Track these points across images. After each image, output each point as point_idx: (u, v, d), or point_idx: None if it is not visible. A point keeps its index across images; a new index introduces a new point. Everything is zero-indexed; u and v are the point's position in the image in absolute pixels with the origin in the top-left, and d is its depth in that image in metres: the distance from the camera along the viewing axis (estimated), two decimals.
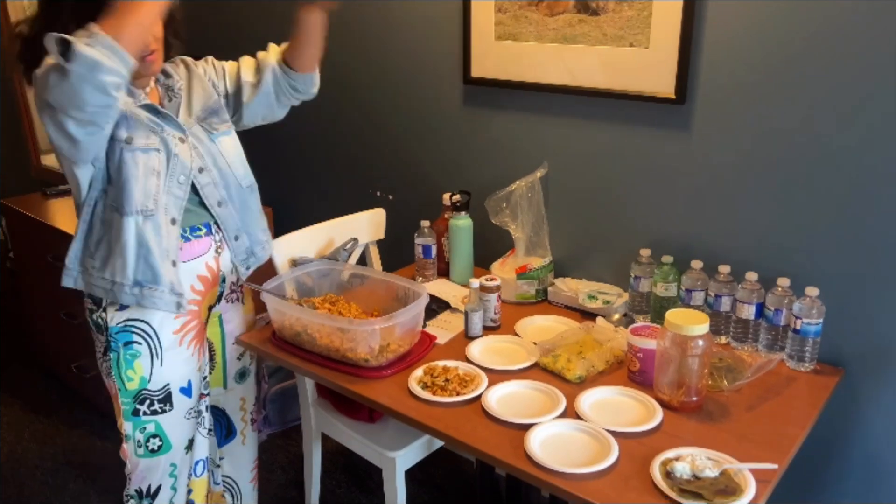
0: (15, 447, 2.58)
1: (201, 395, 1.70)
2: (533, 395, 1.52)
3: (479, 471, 2.13)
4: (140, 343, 1.55)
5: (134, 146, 1.47)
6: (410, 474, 1.86)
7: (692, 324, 1.41)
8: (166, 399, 1.59)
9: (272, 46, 1.75)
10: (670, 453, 1.30)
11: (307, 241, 2.04)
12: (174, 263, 1.54)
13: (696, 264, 1.73)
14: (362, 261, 2.20)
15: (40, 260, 2.68)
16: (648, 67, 1.74)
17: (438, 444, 1.92)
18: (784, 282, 1.62)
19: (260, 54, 1.75)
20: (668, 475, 1.25)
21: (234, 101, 1.74)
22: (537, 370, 1.62)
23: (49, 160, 3.96)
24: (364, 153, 2.46)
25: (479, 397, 1.50)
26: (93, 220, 1.51)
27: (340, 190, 2.57)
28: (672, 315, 1.44)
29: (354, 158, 2.48)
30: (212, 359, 1.77)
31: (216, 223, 1.64)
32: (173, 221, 1.54)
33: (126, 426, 1.58)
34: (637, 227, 1.89)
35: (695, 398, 1.46)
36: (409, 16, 2.17)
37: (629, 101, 1.80)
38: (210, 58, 1.74)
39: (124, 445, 1.61)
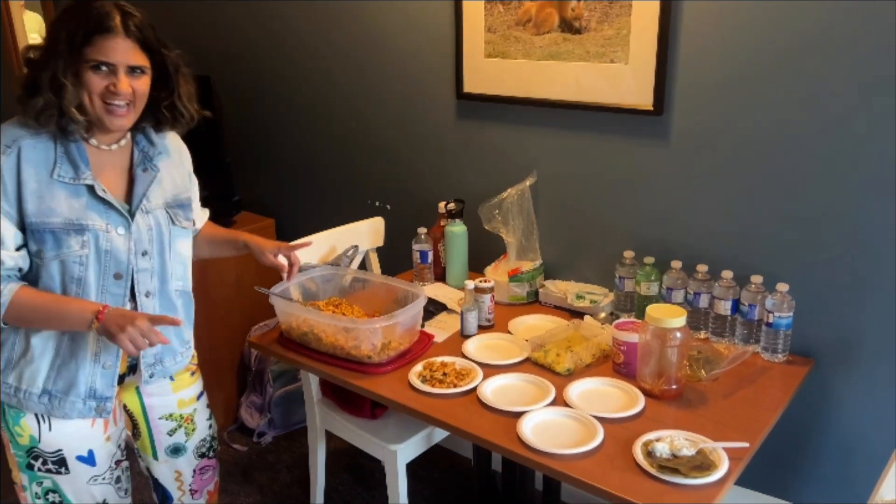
0: None
1: (118, 462, 1.55)
2: (525, 386, 1.64)
3: (477, 467, 2.24)
4: None
5: (45, 258, 1.35)
6: (411, 471, 1.96)
7: (670, 317, 1.53)
8: (61, 462, 1.45)
9: (206, 212, 1.74)
10: (651, 435, 1.42)
11: (311, 249, 2.14)
12: (107, 366, 1.44)
13: (676, 264, 1.85)
14: (363, 267, 2.31)
15: None
16: (628, 82, 1.87)
17: (438, 438, 2.02)
18: (757, 279, 1.74)
19: (200, 209, 1.71)
20: (649, 454, 1.36)
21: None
22: (529, 364, 1.73)
23: None
24: (363, 166, 2.58)
25: (474, 389, 1.61)
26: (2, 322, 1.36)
27: (341, 200, 2.69)
28: (652, 310, 1.56)
29: (354, 171, 2.61)
30: (136, 428, 1.62)
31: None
32: None
33: (21, 477, 1.47)
34: (620, 230, 2.01)
35: (674, 386, 1.57)
36: (405, 37, 2.30)
37: (611, 113, 1.93)
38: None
39: (23, 493, 1.49)
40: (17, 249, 1.36)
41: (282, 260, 1.74)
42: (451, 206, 2.19)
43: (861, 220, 1.64)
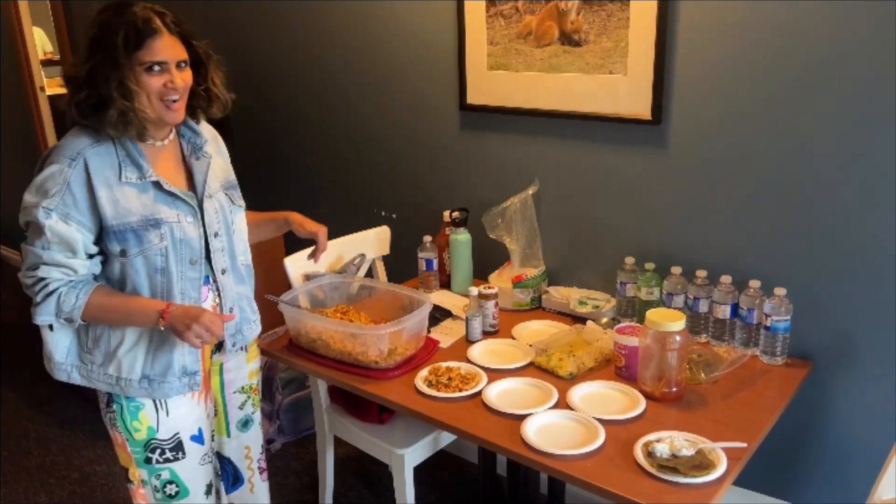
0: (44, 460, 2.72)
1: (212, 438, 1.69)
2: (528, 389, 1.67)
3: (482, 471, 2.27)
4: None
5: (130, 255, 1.45)
6: (417, 476, 1.99)
7: (670, 321, 1.57)
8: (178, 447, 1.56)
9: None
10: (651, 436, 1.45)
11: (319, 258, 2.19)
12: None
13: (676, 270, 1.89)
14: (369, 275, 2.35)
15: None
16: (627, 92, 1.92)
17: (444, 442, 2.06)
18: (755, 283, 1.78)
19: None
20: (650, 455, 1.40)
21: None
22: (532, 368, 1.77)
23: None
24: (369, 176, 2.63)
25: (479, 393, 1.65)
26: None
27: (348, 210, 2.74)
28: (652, 314, 1.60)
29: (360, 181, 2.66)
30: (214, 405, 1.73)
31: (217, 290, 1.59)
32: (193, 302, 1.52)
33: (140, 472, 1.56)
34: (621, 237, 2.06)
35: (675, 389, 1.61)
36: (410, 50, 2.35)
37: (610, 123, 1.97)
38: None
39: (140, 490, 1.58)
40: (90, 257, 1.44)
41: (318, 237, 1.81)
42: (456, 214, 2.24)
43: (858, 225, 1.68)
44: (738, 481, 1.41)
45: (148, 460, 1.55)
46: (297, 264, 2.13)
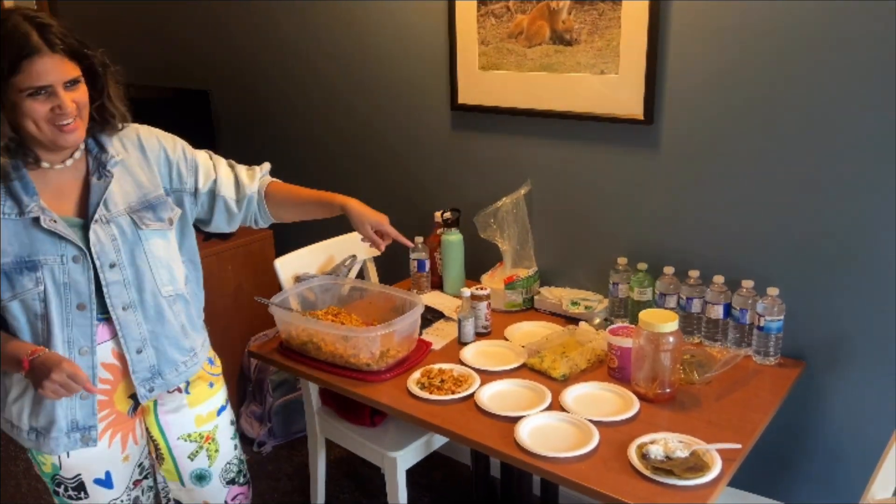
0: (31, 464, 2.69)
1: (136, 482, 1.54)
2: (521, 391, 1.66)
3: (475, 473, 2.26)
4: None
5: (3, 300, 1.30)
6: (410, 478, 1.98)
7: (663, 322, 1.56)
8: (80, 487, 1.45)
9: (255, 171, 1.61)
10: (645, 438, 1.45)
11: (309, 259, 2.18)
12: (84, 395, 1.38)
13: (669, 270, 1.89)
14: (361, 276, 2.34)
15: None
16: (619, 92, 1.91)
17: (437, 444, 2.05)
18: (748, 283, 1.78)
19: (240, 173, 1.59)
20: (644, 457, 1.39)
21: (206, 205, 1.54)
22: (525, 370, 1.76)
23: None
24: (360, 176, 2.62)
25: (472, 395, 1.64)
26: None
27: None
28: (645, 315, 1.59)
29: (351, 181, 2.64)
30: (158, 452, 1.55)
31: (118, 330, 1.39)
32: (82, 351, 1.36)
33: (55, 499, 1.50)
34: (614, 237, 2.05)
35: (668, 390, 1.60)
36: (400, 50, 2.34)
37: (602, 123, 1.97)
38: (182, 143, 1.52)
39: None
40: None
41: (379, 235, 1.67)
42: (448, 215, 2.22)
43: (850, 225, 1.68)
44: (731, 481, 1.40)
45: (56, 492, 1.47)
46: (287, 266, 2.11)
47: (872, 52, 1.56)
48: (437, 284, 2.29)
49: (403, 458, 1.94)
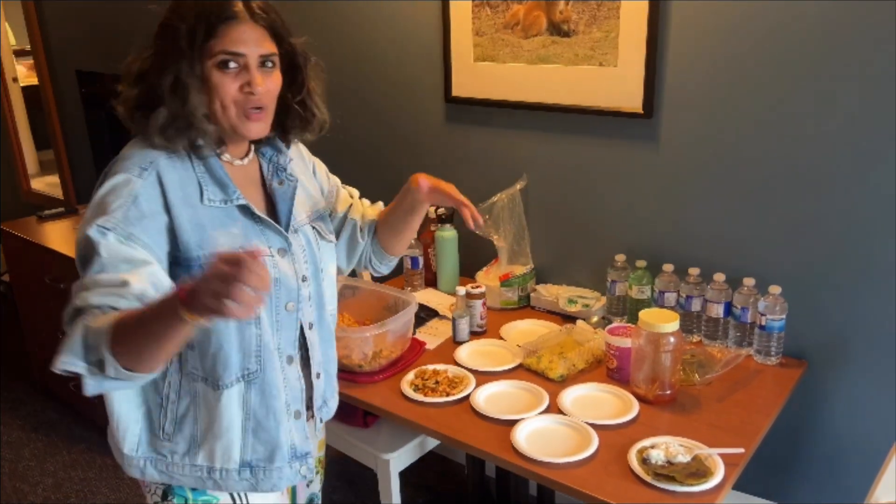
0: (16, 465, 2.64)
1: None
2: (518, 393, 1.62)
3: (470, 473, 2.22)
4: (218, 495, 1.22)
5: None
6: (404, 477, 1.94)
7: (664, 322, 1.52)
8: None
9: (377, 206, 1.53)
10: (646, 442, 1.41)
11: None
12: (297, 414, 1.23)
13: (668, 267, 1.84)
14: (353, 273, 2.28)
15: (37, 282, 2.75)
16: (617, 85, 1.86)
17: (430, 446, 2.01)
18: (749, 281, 1.74)
19: (367, 206, 1.50)
20: (644, 461, 1.35)
21: (336, 231, 1.41)
22: (522, 370, 1.72)
23: (39, 184, 4.03)
24: (352, 171, 2.55)
25: (467, 397, 1.59)
26: (167, 392, 1.15)
27: None
28: (645, 315, 1.55)
29: (341, 175, 2.58)
30: None
31: (304, 349, 1.26)
32: (290, 360, 1.22)
33: None
34: (612, 234, 2.01)
35: (668, 392, 1.56)
36: (393, 41, 2.28)
37: (600, 117, 1.92)
38: (316, 159, 1.43)
39: None
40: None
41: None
42: (442, 210, 2.17)
43: (853, 222, 1.64)
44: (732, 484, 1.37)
45: None
46: None
47: (876, 48, 1.51)
48: (431, 282, 2.25)
49: (397, 461, 1.89)
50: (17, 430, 2.85)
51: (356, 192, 1.54)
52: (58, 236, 2.80)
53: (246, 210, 1.16)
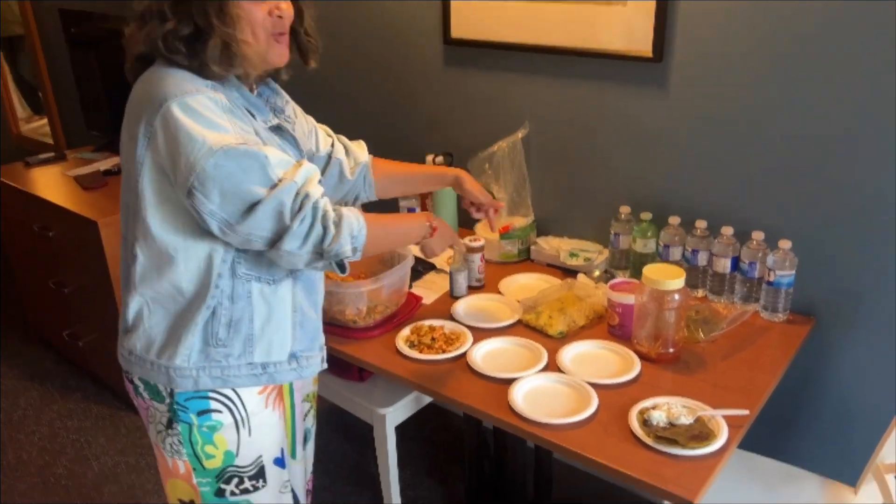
0: (11, 415, 2.63)
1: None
2: (516, 350, 1.57)
3: (468, 424, 2.20)
4: (220, 411, 1.22)
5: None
6: (402, 429, 1.91)
7: (669, 278, 1.46)
8: (259, 474, 1.28)
9: (361, 143, 1.60)
10: (647, 402, 1.36)
11: None
12: (319, 307, 1.36)
13: (674, 220, 1.77)
14: None
15: (27, 230, 2.69)
16: (626, 25, 1.75)
17: (427, 400, 1.97)
18: (758, 235, 1.67)
19: (346, 141, 1.56)
20: (645, 423, 1.31)
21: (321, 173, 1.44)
22: (520, 327, 1.67)
23: (28, 129, 3.93)
24: (346, 115, 2.46)
25: (464, 354, 1.55)
26: (219, 300, 1.17)
27: None
28: (649, 270, 1.49)
29: (337, 122, 2.48)
30: None
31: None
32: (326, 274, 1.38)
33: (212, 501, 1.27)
34: (616, 184, 1.93)
35: (671, 350, 1.51)
36: None
37: (607, 60, 1.81)
38: (293, 102, 1.45)
39: None
40: None
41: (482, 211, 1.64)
42: (439, 159, 2.09)
43: (866, 174, 1.56)
44: None
45: (220, 492, 1.25)
46: None
47: None
48: None
49: (393, 415, 1.86)
50: (13, 380, 2.84)
51: (329, 130, 1.56)
52: (46, 183, 2.72)
53: (277, 129, 1.24)
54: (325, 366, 1.37)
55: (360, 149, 1.57)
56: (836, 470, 1.61)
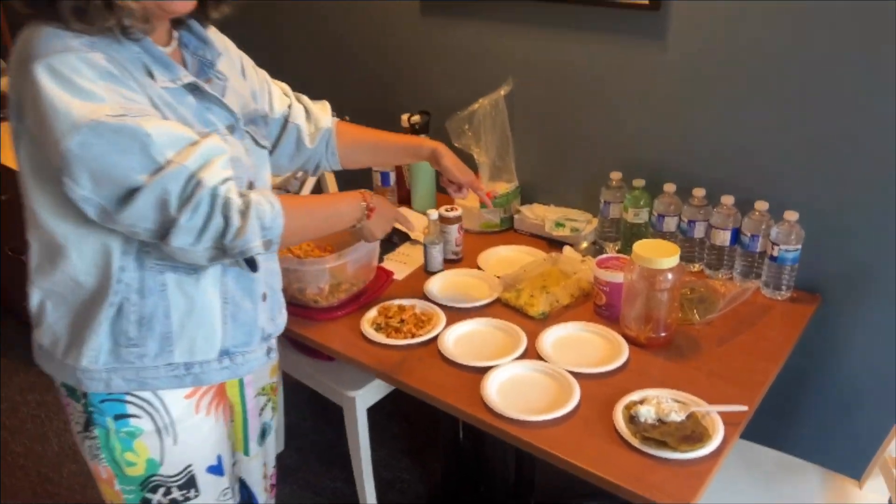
0: None
1: (234, 465, 1.32)
2: (493, 334, 1.43)
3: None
4: (139, 416, 1.07)
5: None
6: (377, 407, 1.79)
7: (661, 256, 1.31)
8: (189, 484, 1.14)
9: (325, 105, 1.41)
10: (635, 396, 1.23)
11: None
12: (264, 296, 1.16)
13: (669, 188, 1.61)
14: (317, 190, 2.06)
15: None
16: None
17: None
18: (762, 205, 1.51)
19: (308, 103, 1.38)
20: (632, 420, 1.18)
21: (275, 136, 1.30)
22: (499, 306, 1.53)
23: None
24: (317, 68, 2.27)
25: (435, 338, 1.41)
26: (125, 294, 1.01)
27: None
28: (640, 247, 1.34)
29: (307, 76, 2.30)
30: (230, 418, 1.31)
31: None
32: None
33: None
34: (608, 148, 1.76)
35: (663, 334, 1.37)
36: None
37: (599, 8, 1.63)
38: (243, 53, 1.23)
39: None
40: None
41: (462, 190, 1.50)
42: (416, 118, 1.92)
43: (885, 136, 1.39)
44: None
45: (146, 502, 1.12)
46: None
47: None
48: (405, 199, 2.02)
49: (363, 398, 1.74)
50: None
51: (288, 88, 1.37)
52: None
53: (193, 88, 1.02)
54: (273, 358, 1.22)
55: (322, 112, 1.39)
56: (839, 462, 1.49)
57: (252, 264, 1.02)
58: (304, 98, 1.38)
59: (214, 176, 0.93)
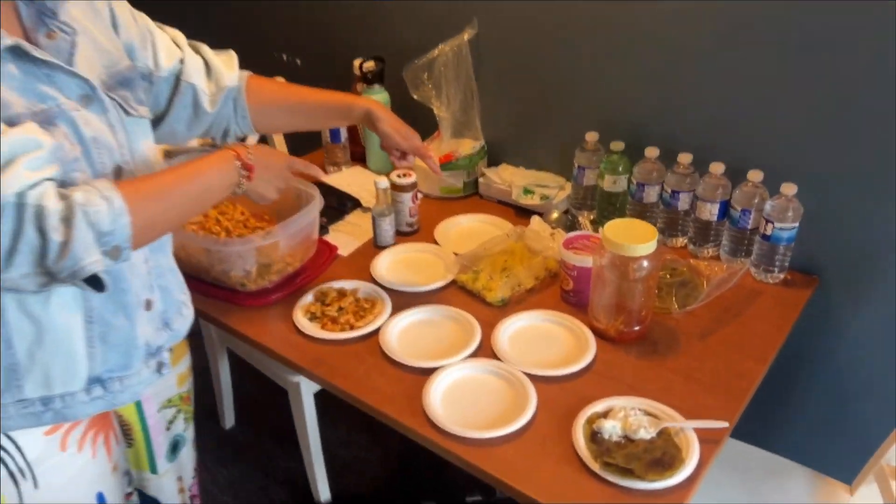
0: None
1: (127, 496, 1.16)
2: (443, 325, 1.26)
3: None
4: None
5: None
6: (321, 398, 1.63)
7: (635, 242, 1.13)
8: None
9: (231, 56, 1.16)
10: (599, 406, 1.07)
11: None
12: (148, 304, 0.97)
13: (652, 152, 1.41)
14: (263, 139, 1.85)
15: None
16: None
17: None
18: (756, 175, 1.32)
19: (210, 56, 1.12)
20: (594, 437, 1.02)
21: (164, 97, 1.06)
22: (454, 289, 1.35)
23: None
24: (267, 9, 2.02)
25: (377, 331, 1.23)
26: None
27: (239, 53, 2.14)
28: (611, 230, 1.15)
29: (257, 16, 2.04)
30: (127, 436, 1.15)
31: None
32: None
33: None
34: (584, 104, 1.55)
35: (636, 328, 1.20)
36: None
37: None
38: (125, 3, 1.00)
39: None
40: None
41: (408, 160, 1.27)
42: (369, 65, 1.69)
43: (885, 110, 1.19)
44: None
45: None
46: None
47: None
48: (360, 157, 1.81)
49: (309, 383, 1.58)
50: None
51: (181, 37, 1.10)
52: None
53: (20, 53, 0.78)
54: (166, 373, 1.03)
55: (227, 67, 1.14)
56: (830, 465, 1.34)
57: (96, 283, 0.81)
58: (204, 48, 1.12)
59: (17, 180, 0.72)
